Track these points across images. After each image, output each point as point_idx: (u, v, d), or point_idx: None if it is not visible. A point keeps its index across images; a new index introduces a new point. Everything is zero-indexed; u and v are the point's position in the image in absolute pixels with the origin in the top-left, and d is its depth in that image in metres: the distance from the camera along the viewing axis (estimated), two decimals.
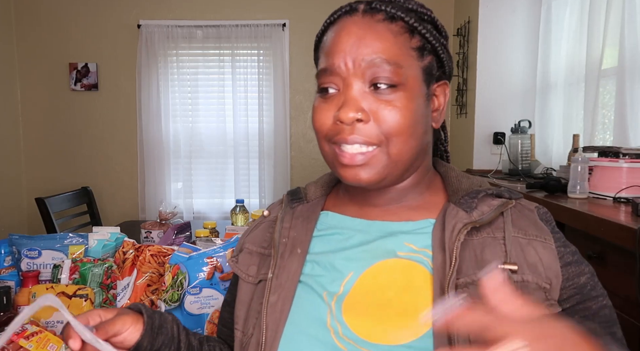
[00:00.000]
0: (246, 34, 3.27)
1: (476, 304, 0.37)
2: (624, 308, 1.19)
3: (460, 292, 0.53)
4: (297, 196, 0.71)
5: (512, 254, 0.54)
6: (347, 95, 0.57)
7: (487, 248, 0.55)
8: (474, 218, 0.56)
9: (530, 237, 0.56)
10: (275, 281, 0.61)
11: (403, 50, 0.58)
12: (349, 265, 0.60)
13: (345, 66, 0.57)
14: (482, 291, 0.38)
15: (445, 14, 3.28)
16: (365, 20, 0.58)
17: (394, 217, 0.63)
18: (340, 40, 0.58)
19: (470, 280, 0.53)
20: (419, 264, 0.57)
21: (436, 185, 0.66)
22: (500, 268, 0.53)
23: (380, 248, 0.60)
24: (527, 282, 0.53)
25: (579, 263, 0.57)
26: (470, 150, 2.91)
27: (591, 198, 1.63)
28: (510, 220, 0.57)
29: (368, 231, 0.62)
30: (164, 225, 1.79)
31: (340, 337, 0.55)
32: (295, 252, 0.63)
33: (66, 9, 3.33)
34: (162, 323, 0.63)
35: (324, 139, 0.60)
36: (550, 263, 0.54)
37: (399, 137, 0.56)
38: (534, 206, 0.61)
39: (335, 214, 0.67)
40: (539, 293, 0.53)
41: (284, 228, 0.66)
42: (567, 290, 0.55)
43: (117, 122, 3.41)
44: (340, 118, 0.56)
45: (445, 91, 0.64)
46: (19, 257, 1.13)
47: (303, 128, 3.45)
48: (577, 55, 2.33)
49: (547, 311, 0.49)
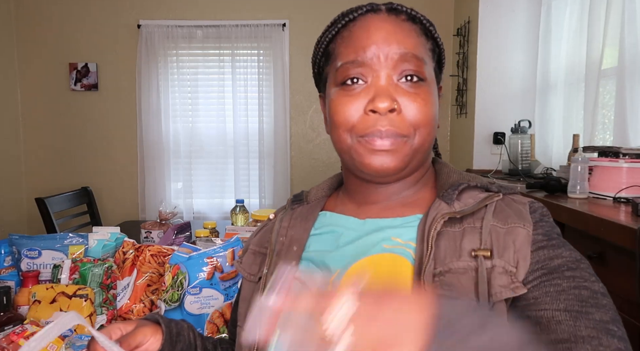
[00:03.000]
0: (246, 34, 3.27)
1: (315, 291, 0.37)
2: (624, 308, 1.19)
3: (436, 281, 0.53)
4: (299, 198, 0.73)
5: (487, 241, 0.55)
6: (379, 86, 0.58)
7: (466, 237, 0.56)
8: (455, 209, 0.58)
9: (509, 224, 0.56)
10: (270, 277, 0.62)
11: (424, 49, 0.61)
12: (337, 263, 0.61)
13: (377, 58, 0.58)
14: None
15: (445, 14, 3.28)
16: (391, 18, 0.60)
17: (387, 213, 0.64)
18: (370, 33, 0.59)
19: (447, 269, 0.54)
20: (402, 256, 0.58)
21: (429, 182, 0.68)
22: (474, 255, 0.54)
23: (366, 243, 0.61)
24: (495, 267, 0.53)
25: (555, 247, 0.55)
26: (470, 150, 2.91)
27: (591, 198, 1.63)
28: (491, 211, 0.58)
29: (360, 229, 0.64)
30: (164, 225, 1.79)
31: None
32: (292, 250, 0.65)
33: (66, 9, 3.33)
34: (179, 331, 0.65)
35: (347, 132, 0.60)
36: (521, 246, 0.54)
37: (424, 128, 0.59)
38: (528, 201, 0.61)
39: (332, 214, 0.69)
40: (505, 277, 0.53)
41: (283, 228, 0.69)
42: (535, 272, 0.53)
43: (117, 122, 3.41)
44: (376, 108, 0.57)
45: (440, 93, 0.67)
46: (19, 257, 1.13)
47: (303, 128, 3.45)
48: (577, 55, 2.33)
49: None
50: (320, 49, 0.66)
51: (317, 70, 0.69)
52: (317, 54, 0.67)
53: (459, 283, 0.53)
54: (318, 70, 0.68)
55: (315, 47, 0.66)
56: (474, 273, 0.53)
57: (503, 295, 0.52)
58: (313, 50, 0.67)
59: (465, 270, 0.54)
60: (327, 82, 0.65)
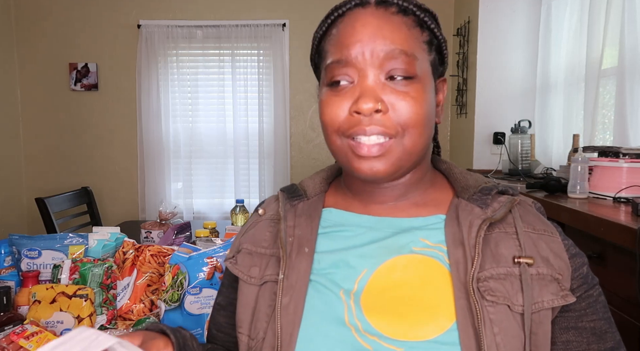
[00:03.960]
0: (246, 34, 3.27)
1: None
2: (624, 308, 1.19)
3: (481, 287, 0.53)
4: (295, 193, 0.68)
5: (526, 248, 0.55)
6: (364, 86, 0.56)
7: (501, 243, 0.56)
8: (489, 215, 0.57)
9: (539, 231, 0.57)
10: (286, 282, 0.59)
11: (416, 43, 0.58)
12: (363, 262, 0.59)
13: (362, 56, 0.56)
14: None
15: (445, 14, 3.28)
16: (379, 12, 0.57)
17: (402, 213, 0.62)
18: (355, 31, 0.57)
19: (489, 275, 0.54)
20: (434, 259, 0.57)
21: (440, 181, 0.66)
22: (517, 261, 0.54)
23: (395, 244, 0.59)
24: (542, 275, 0.54)
25: (580, 254, 0.59)
26: (470, 150, 2.91)
27: (591, 198, 1.63)
28: (518, 216, 0.58)
29: (378, 228, 0.62)
30: (164, 225, 1.79)
31: (363, 335, 0.54)
32: (303, 251, 0.61)
33: (66, 9, 3.33)
34: (185, 342, 0.61)
35: (335, 133, 0.59)
36: (560, 255, 0.56)
37: (415, 128, 0.56)
38: (531, 201, 0.63)
39: (339, 211, 0.65)
40: (554, 285, 0.54)
41: (289, 227, 0.64)
42: (576, 280, 0.56)
43: (117, 122, 3.41)
44: (360, 109, 0.55)
45: (444, 87, 0.65)
46: (19, 257, 1.13)
47: (303, 128, 3.45)
48: (577, 55, 2.33)
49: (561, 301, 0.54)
50: (313, 46, 0.64)
51: (315, 68, 0.67)
52: (312, 51, 0.65)
53: (503, 289, 0.53)
54: (315, 68, 0.66)
55: (311, 44, 0.65)
56: (515, 279, 0.53)
57: (555, 302, 0.53)
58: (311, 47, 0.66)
59: (505, 276, 0.54)
60: (320, 81, 0.63)
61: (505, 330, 0.51)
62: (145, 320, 1.00)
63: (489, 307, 0.52)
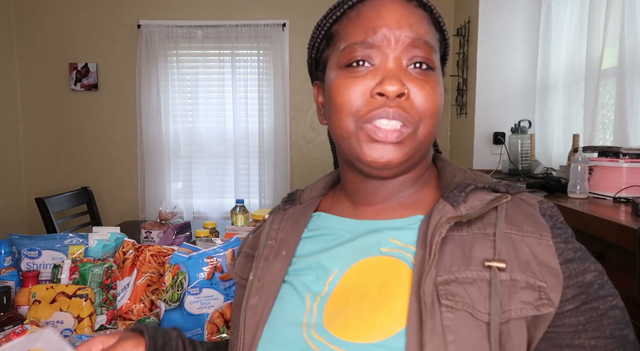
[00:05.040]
0: (246, 34, 3.27)
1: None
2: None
3: (440, 290, 0.49)
4: (291, 198, 0.70)
5: (502, 251, 0.50)
6: (387, 69, 0.55)
7: (477, 244, 0.51)
8: (461, 213, 0.53)
9: (525, 233, 0.52)
10: (257, 283, 0.60)
11: (434, 39, 0.59)
12: (334, 263, 0.58)
13: (387, 40, 0.55)
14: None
15: (445, 14, 3.28)
16: (403, 3, 0.57)
17: (385, 215, 0.61)
18: (381, 15, 0.56)
19: (453, 278, 0.49)
20: (400, 260, 0.54)
21: (431, 181, 0.64)
22: (487, 265, 0.49)
23: (363, 245, 0.58)
24: (515, 281, 0.49)
25: (582, 260, 0.53)
26: (470, 150, 2.91)
27: (591, 198, 1.63)
28: (503, 216, 0.53)
29: (356, 230, 0.61)
30: (164, 225, 1.79)
31: (312, 335, 0.53)
32: (280, 254, 0.62)
33: (66, 9, 3.33)
34: (165, 342, 0.62)
35: (351, 116, 0.56)
36: (547, 260, 0.50)
37: (430, 118, 0.56)
38: (537, 200, 0.57)
39: (327, 215, 0.66)
40: (529, 293, 0.48)
41: (272, 230, 0.66)
42: (571, 289, 0.50)
43: (117, 122, 3.42)
44: (385, 91, 0.53)
45: (444, 85, 0.65)
46: (19, 257, 1.13)
47: (303, 128, 3.45)
48: (577, 55, 2.33)
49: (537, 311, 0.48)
50: (321, 32, 0.62)
51: (315, 55, 0.65)
52: (316, 37, 0.63)
53: (465, 294, 0.48)
54: (316, 55, 0.65)
55: (315, 30, 0.63)
56: (485, 285, 0.49)
57: (524, 312, 0.48)
58: (311, 34, 0.64)
59: (473, 280, 0.49)
60: (326, 67, 0.61)
61: (462, 340, 0.46)
62: (145, 320, 1.00)
63: (447, 313, 0.48)
